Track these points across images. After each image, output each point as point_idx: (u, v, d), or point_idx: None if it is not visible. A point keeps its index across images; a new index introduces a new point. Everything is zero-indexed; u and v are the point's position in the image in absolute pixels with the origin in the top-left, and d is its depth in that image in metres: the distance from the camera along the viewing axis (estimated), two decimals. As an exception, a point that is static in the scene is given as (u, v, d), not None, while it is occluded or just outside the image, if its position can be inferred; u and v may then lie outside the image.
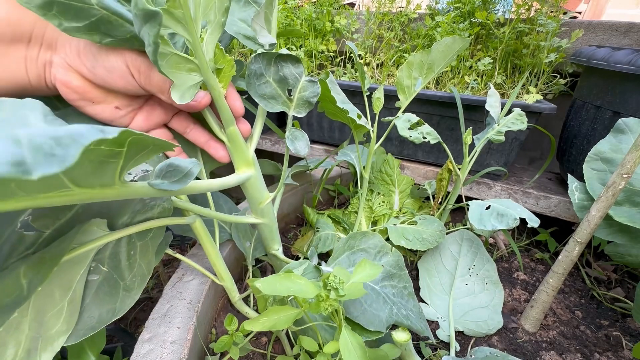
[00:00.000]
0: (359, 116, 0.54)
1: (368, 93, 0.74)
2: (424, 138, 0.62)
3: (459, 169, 0.70)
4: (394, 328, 0.45)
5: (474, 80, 0.84)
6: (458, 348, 0.56)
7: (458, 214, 0.96)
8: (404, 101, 0.63)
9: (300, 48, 1.02)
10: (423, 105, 0.81)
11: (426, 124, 0.64)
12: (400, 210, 0.79)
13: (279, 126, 1.09)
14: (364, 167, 0.65)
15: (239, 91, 0.43)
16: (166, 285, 0.56)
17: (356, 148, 0.67)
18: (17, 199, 0.19)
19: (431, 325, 0.60)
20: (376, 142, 0.63)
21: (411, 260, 0.75)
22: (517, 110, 0.67)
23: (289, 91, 0.41)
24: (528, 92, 0.77)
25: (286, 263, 0.52)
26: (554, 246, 0.83)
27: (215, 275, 0.52)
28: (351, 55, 1.05)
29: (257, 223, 0.49)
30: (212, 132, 0.42)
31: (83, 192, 0.23)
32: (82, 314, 0.36)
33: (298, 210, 0.93)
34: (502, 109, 0.69)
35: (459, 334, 0.60)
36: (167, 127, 0.43)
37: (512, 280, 0.74)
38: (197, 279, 0.56)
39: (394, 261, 0.50)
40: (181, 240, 0.90)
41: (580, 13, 1.83)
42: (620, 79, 0.66)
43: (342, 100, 0.53)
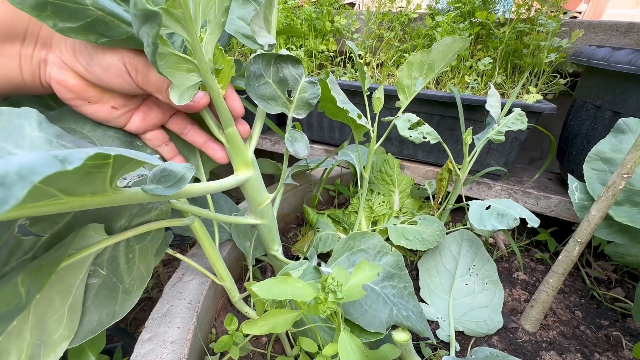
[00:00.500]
0: (359, 116, 0.53)
1: (368, 93, 0.74)
2: (424, 138, 0.62)
3: (459, 169, 0.70)
4: (394, 328, 0.45)
5: (474, 80, 0.84)
6: (458, 348, 0.56)
7: (458, 214, 0.96)
8: (404, 101, 0.62)
9: (300, 48, 1.02)
10: (423, 105, 0.81)
11: (426, 124, 0.64)
12: (400, 210, 0.79)
13: (279, 125, 1.09)
14: (364, 167, 0.65)
15: (238, 90, 0.43)
16: (166, 285, 0.56)
17: (356, 148, 0.67)
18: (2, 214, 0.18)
19: (431, 325, 0.60)
20: (376, 142, 0.63)
21: (411, 260, 0.75)
22: (517, 110, 0.67)
23: (289, 92, 0.41)
24: (528, 92, 0.77)
25: (286, 264, 0.52)
26: (554, 246, 0.83)
27: (215, 275, 0.52)
28: (351, 55, 1.05)
29: (257, 224, 0.49)
30: (210, 133, 0.42)
31: (74, 200, 0.23)
32: (82, 317, 0.36)
33: (298, 210, 0.93)
34: (502, 109, 0.69)
35: (459, 334, 0.60)
36: (164, 128, 0.42)
37: (512, 280, 0.74)
38: (197, 279, 0.56)
39: (394, 261, 0.50)
40: (181, 239, 0.89)
41: (580, 13, 1.83)
42: (620, 79, 0.66)
43: (342, 100, 0.53)
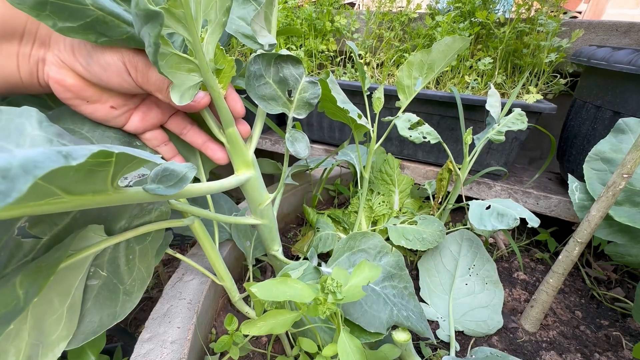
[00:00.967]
0: (359, 116, 0.53)
1: (368, 93, 0.74)
2: (424, 138, 0.62)
3: (459, 169, 0.70)
4: (394, 328, 0.45)
5: (474, 80, 0.84)
6: (458, 348, 0.56)
7: (458, 214, 0.96)
8: (404, 101, 0.62)
9: (300, 48, 1.02)
10: (423, 105, 0.81)
11: (426, 124, 0.64)
12: (400, 210, 0.79)
13: (279, 125, 1.09)
14: (364, 167, 0.65)
15: (238, 90, 0.43)
16: (166, 285, 0.56)
17: (356, 148, 0.67)
18: (4, 208, 0.17)
19: (431, 325, 0.60)
20: (376, 142, 0.63)
21: (411, 260, 0.75)
22: (518, 110, 0.67)
23: (289, 92, 0.41)
24: (528, 92, 0.77)
25: (286, 264, 0.51)
26: (554, 246, 0.83)
27: (215, 275, 0.52)
28: (351, 55, 1.05)
29: (257, 224, 0.49)
30: (210, 133, 0.42)
31: (75, 199, 0.23)
32: (83, 319, 0.36)
33: (298, 210, 0.93)
34: (503, 109, 0.69)
35: (459, 334, 0.60)
36: (164, 128, 0.42)
37: (512, 280, 0.74)
38: (197, 279, 0.56)
39: (394, 261, 0.50)
40: (181, 239, 0.90)
41: (580, 13, 1.83)
42: (620, 79, 0.66)
43: (343, 100, 0.53)
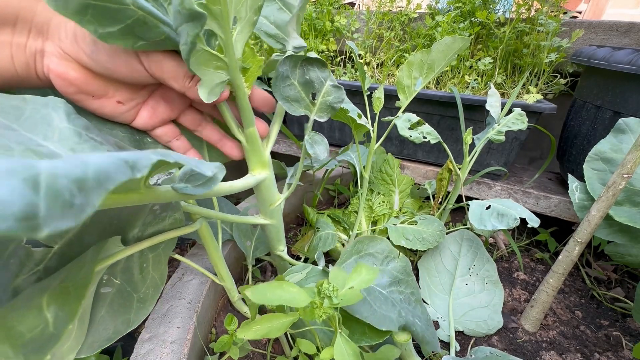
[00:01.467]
0: (359, 116, 0.53)
1: (368, 93, 0.74)
2: (424, 138, 0.62)
3: (459, 169, 0.70)
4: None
5: (474, 80, 0.84)
6: (458, 348, 0.56)
7: (458, 214, 0.96)
8: (404, 101, 0.62)
9: (300, 48, 1.02)
10: (423, 105, 0.81)
11: (426, 124, 0.64)
12: (400, 210, 0.79)
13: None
14: (364, 167, 0.65)
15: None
16: (166, 285, 0.56)
17: (356, 148, 0.67)
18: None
19: (431, 325, 0.61)
20: (376, 142, 0.63)
21: (411, 260, 0.75)
22: (518, 110, 0.67)
23: (313, 95, 0.41)
24: (528, 92, 0.77)
25: (291, 264, 0.51)
26: (554, 246, 0.83)
27: (215, 274, 0.52)
28: (351, 54, 1.05)
29: (265, 224, 0.49)
30: (224, 129, 0.41)
31: (107, 198, 0.22)
32: (98, 326, 0.35)
33: (298, 210, 0.93)
34: (503, 109, 0.69)
35: (459, 334, 0.60)
36: (176, 123, 0.40)
37: (512, 280, 0.74)
38: (197, 279, 0.56)
39: (402, 267, 0.50)
40: (181, 240, 0.90)
41: (580, 13, 1.83)
42: (620, 79, 0.66)
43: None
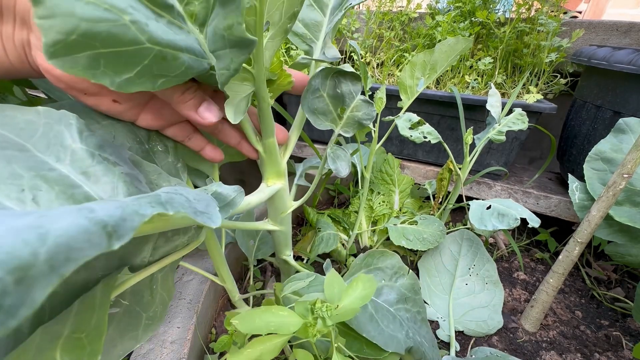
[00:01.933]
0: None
1: (370, 93, 0.74)
2: (425, 138, 0.62)
3: (460, 169, 0.70)
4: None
5: (475, 79, 0.84)
6: (458, 348, 0.56)
7: (458, 214, 0.96)
8: (406, 101, 0.62)
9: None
10: (423, 104, 0.81)
11: (427, 124, 0.64)
12: (400, 210, 0.79)
13: (281, 123, 1.08)
14: (365, 167, 0.65)
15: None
16: (166, 284, 0.55)
17: (357, 147, 0.67)
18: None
19: (431, 324, 0.60)
20: (377, 142, 0.63)
21: (411, 260, 0.75)
22: (518, 110, 0.67)
23: (342, 109, 0.40)
24: (528, 92, 0.77)
25: (296, 268, 0.51)
26: (554, 246, 0.83)
27: (215, 275, 0.52)
28: (351, 54, 1.05)
29: (274, 230, 0.48)
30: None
31: None
32: (106, 345, 0.34)
33: (298, 209, 0.93)
34: (503, 109, 0.69)
35: (459, 334, 0.60)
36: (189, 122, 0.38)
37: (512, 280, 0.74)
38: (197, 279, 0.56)
39: (410, 284, 0.49)
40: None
41: (580, 13, 1.83)
42: (620, 79, 0.66)
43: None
